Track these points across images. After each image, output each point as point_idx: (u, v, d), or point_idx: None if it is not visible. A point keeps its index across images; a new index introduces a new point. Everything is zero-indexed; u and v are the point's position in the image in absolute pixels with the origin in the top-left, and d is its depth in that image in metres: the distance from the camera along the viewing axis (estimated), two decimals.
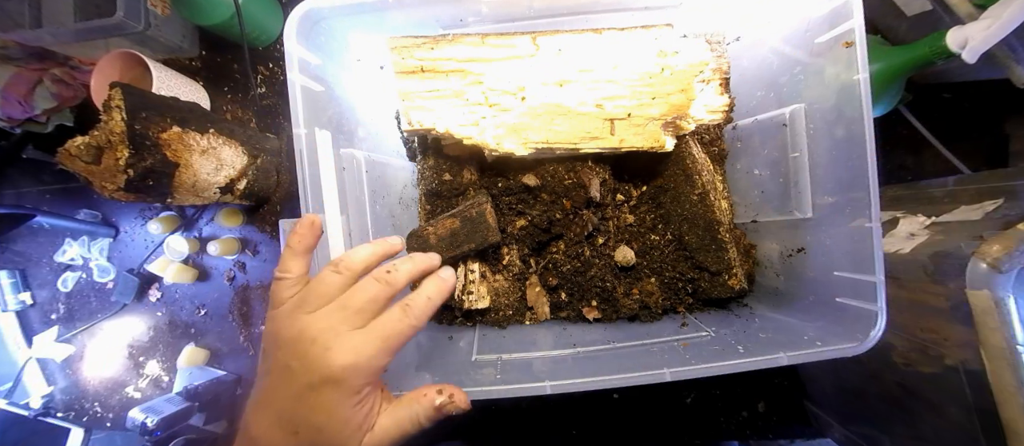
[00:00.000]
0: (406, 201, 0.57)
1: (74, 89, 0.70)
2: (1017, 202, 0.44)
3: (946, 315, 0.42)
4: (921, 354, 0.46)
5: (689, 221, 0.49)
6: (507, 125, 0.44)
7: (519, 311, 0.54)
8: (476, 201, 0.48)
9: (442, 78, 0.43)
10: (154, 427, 0.65)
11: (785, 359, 0.37)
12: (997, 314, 0.37)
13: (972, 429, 0.42)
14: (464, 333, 0.53)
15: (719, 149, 0.55)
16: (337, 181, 0.41)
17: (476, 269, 0.52)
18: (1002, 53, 0.47)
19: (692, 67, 0.43)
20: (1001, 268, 0.37)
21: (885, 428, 0.54)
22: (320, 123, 0.40)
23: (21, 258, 0.82)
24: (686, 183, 0.49)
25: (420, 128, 0.44)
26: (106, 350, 0.81)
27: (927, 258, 0.44)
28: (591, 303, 0.52)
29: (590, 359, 0.44)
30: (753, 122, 0.51)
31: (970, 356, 0.40)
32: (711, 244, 0.48)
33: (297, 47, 0.38)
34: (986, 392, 0.39)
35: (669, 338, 0.46)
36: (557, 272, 0.53)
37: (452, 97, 0.43)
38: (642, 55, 0.43)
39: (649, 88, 0.43)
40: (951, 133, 0.63)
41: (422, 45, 0.43)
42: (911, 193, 0.60)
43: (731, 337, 0.44)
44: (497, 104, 0.43)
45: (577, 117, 0.44)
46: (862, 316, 0.38)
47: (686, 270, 0.52)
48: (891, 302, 0.37)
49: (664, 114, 0.44)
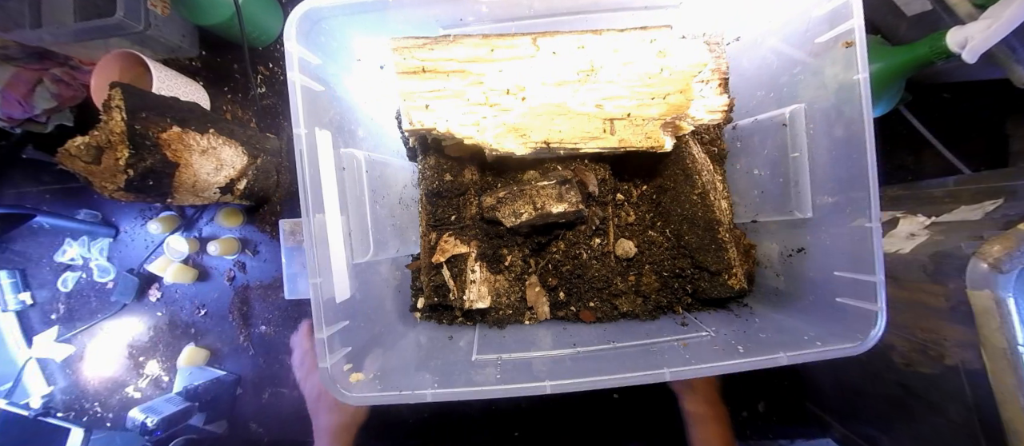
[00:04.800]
0: (406, 201, 0.57)
1: (74, 89, 0.70)
2: (1017, 202, 0.44)
3: (946, 315, 0.42)
4: (921, 354, 0.46)
5: (689, 220, 0.49)
6: (507, 125, 0.44)
7: (519, 311, 0.54)
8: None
9: (443, 78, 0.43)
10: (154, 427, 0.65)
11: (785, 359, 0.37)
12: (998, 314, 0.37)
13: (972, 429, 0.42)
14: (464, 333, 0.53)
15: (719, 149, 0.55)
16: (337, 181, 0.41)
17: (478, 269, 0.52)
18: (1002, 53, 0.47)
19: (691, 68, 0.43)
20: (1002, 268, 0.37)
21: (885, 428, 0.54)
22: (320, 123, 0.40)
23: (21, 258, 0.82)
24: (686, 183, 0.49)
25: (421, 128, 0.44)
26: (106, 350, 0.81)
27: (927, 258, 0.44)
28: (589, 305, 0.52)
29: (590, 359, 0.44)
30: (753, 122, 0.51)
31: (970, 356, 0.40)
32: (711, 244, 0.48)
33: (297, 47, 0.38)
34: (986, 392, 0.39)
35: (669, 338, 0.46)
36: (557, 272, 0.53)
37: (453, 97, 0.43)
38: (641, 56, 0.43)
39: (648, 89, 0.43)
40: (951, 133, 0.63)
41: (423, 46, 0.43)
42: (911, 193, 0.60)
43: (731, 337, 0.44)
44: (498, 104, 0.43)
45: (577, 117, 0.44)
46: (862, 316, 0.37)
47: (686, 269, 0.52)
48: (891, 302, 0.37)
49: (663, 114, 0.44)
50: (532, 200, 0.48)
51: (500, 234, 0.52)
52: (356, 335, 0.43)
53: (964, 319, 0.40)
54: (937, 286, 0.43)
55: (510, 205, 0.48)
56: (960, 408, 0.43)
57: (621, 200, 0.55)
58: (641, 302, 0.52)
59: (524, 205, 0.48)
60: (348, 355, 0.41)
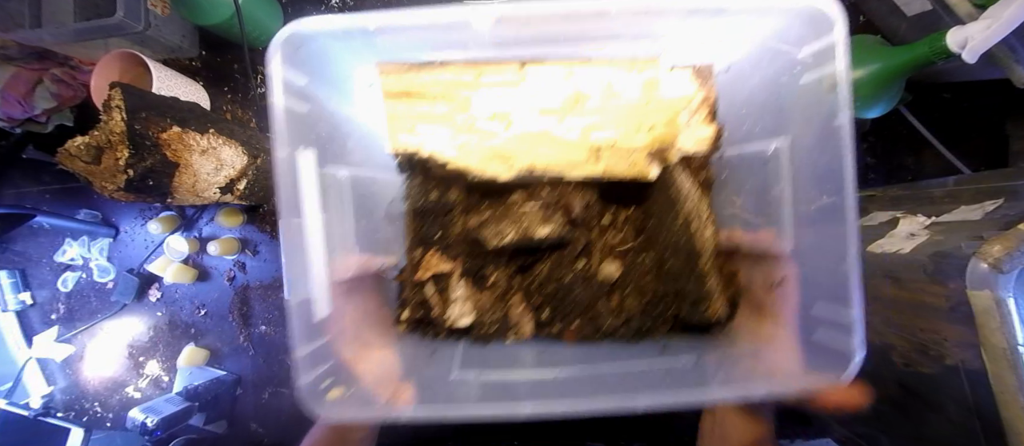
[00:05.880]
0: (393, 215, 0.56)
1: (74, 89, 0.70)
2: (1017, 202, 0.44)
3: (946, 315, 0.42)
4: (921, 354, 0.46)
5: (672, 247, 0.49)
6: (492, 150, 0.44)
7: (502, 329, 0.54)
8: None
9: (429, 102, 0.44)
10: (154, 427, 0.65)
11: (760, 393, 0.37)
12: (998, 314, 0.37)
13: (972, 429, 0.42)
14: (446, 349, 0.52)
15: (707, 176, 0.55)
16: (320, 201, 0.40)
17: (461, 287, 0.52)
18: (1002, 53, 0.47)
19: (678, 100, 0.43)
20: (1002, 268, 0.37)
21: (885, 428, 0.54)
22: (304, 142, 0.39)
23: (21, 258, 0.82)
24: (670, 210, 0.49)
25: (406, 150, 0.45)
26: (106, 350, 0.81)
27: (927, 258, 0.44)
28: (572, 325, 0.53)
29: (569, 381, 0.44)
30: (739, 153, 0.51)
31: (970, 356, 0.40)
32: (692, 273, 0.48)
33: (280, 69, 0.37)
34: (986, 392, 0.39)
35: (648, 363, 0.46)
36: (541, 292, 0.53)
37: (438, 121, 0.44)
38: (628, 87, 0.43)
39: (634, 119, 0.44)
40: (951, 133, 0.63)
41: (410, 70, 0.43)
42: (911, 193, 0.60)
43: (709, 365, 0.44)
44: (482, 130, 0.44)
45: (562, 145, 0.44)
46: (839, 352, 0.37)
47: (668, 294, 0.52)
48: (891, 302, 0.37)
49: (649, 145, 0.44)
50: (516, 222, 0.48)
51: (484, 253, 0.52)
52: (339, 347, 0.43)
53: (964, 319, 0.40)
54: (937, 286, 0.43)
55: (494, 226, 0.49)
56: (960, 408, 0.43)
57: (607, 223, 0.55)
58: (623, 324, 0.53)
59: (508, 227, 0.48)
60: (327, 371, 0.41)
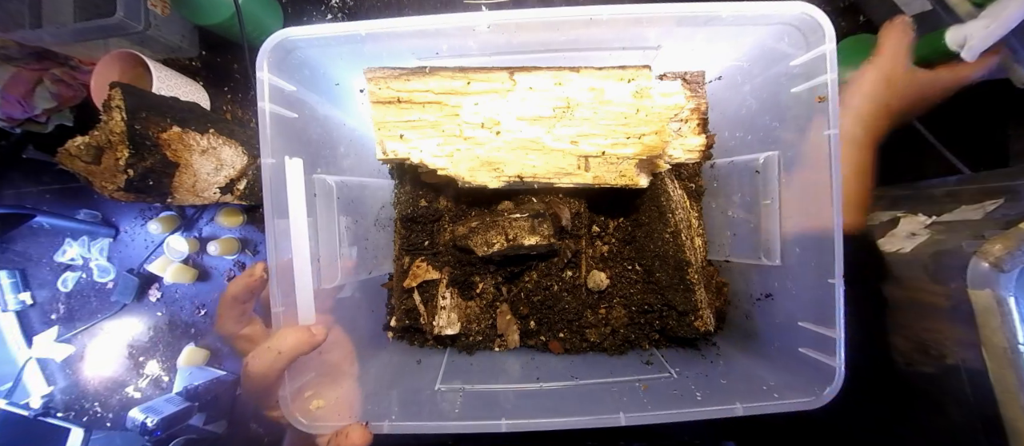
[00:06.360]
0: (383, 221, 0.56)
1: (74, 89, 0.70)
2: (1018, 202, 0.44)
3: (947, 315, 0.42)
4: (922, 354, 0.46)
5: (660, 258, 0.49)
6: (481, 158, 0.44)
7: (489, 338, 0.54)
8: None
9: (418, 109, 0.43)
10: (154, 427, 0.65)
11: (740, 410, 0.37)
12: (999, 313, 0.37)
13: (973, 429, 0.42)
14: (433, 358, 0.52)
15: (697, 185, 0.55)
16: (306, 209, 0.39)
17: (448, 295, 0.52)
18: (1002, 53, 0.47)
19: (667, 109, 0.43)
20: (1003, 267, 0.37)
21: (886, 427, 0.54)
22: (292, 150, 0.39)
23: (21, 258, 0.82)
24: (659, 220, 0.48)
25: (395, 157, 0.44)
26: (106, 350, 0.81)
27: (928, 258, 0.44)
28: (559, 335, 0.52)
29: (553, 394, 0.44)
30: (729, 163, 0.50)
31: (971, 356, 0.40)
32: (680, 284, 0.47)
33: (269, 76, 0.38)
34: (987, 391, 0.39)
35: (632, 377, 0.46)
36: (528, 301, 0.53)
37: (427, 128, 0.44)
38: (618, 96, 0.43)
39: (624, 128, 0.43)
40: (951, 133, 0.63)
41: (399, 76, 0.43)
42: (911, 193, 0.60)
43: (692, 380, 0.44)
44: (472, 137, 0.44)
45: (551, 153, 0.44)
46: (821, 370, 0.37)
47: (655, 305, 0.51)
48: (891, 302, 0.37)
49: (638, 154, 0.44)
50: (504, 231, 0.48)
51: (472, 262, 0.52)
52: (320, 361, 0.42)
53: (965, 318, 0.40)
54: (938, 285, 0.43)
55: (482, 235, 0.48)
56: (961, 408, 0.43)
57: (596, 232, 0.55)
58: (610, 335, 0.52)
59: (496, 236, 0.48)
60: (311, 381, 0.41)
